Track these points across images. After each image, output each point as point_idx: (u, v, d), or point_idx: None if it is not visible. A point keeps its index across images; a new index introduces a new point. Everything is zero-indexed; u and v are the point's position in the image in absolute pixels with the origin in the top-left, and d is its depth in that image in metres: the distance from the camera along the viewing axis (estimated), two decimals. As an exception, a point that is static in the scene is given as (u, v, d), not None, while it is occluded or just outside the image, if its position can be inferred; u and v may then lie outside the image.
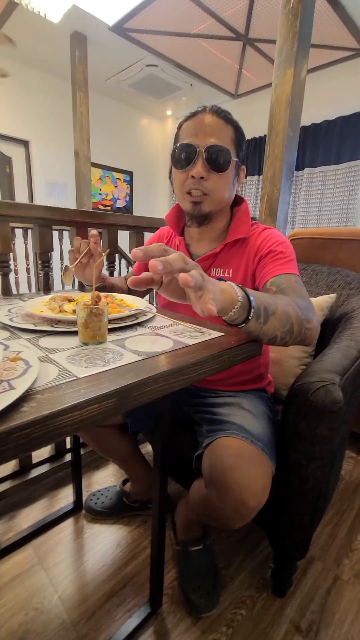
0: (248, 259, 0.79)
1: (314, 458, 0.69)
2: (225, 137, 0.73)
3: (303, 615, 0.81)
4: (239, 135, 0.76)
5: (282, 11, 1.57)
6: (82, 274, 0.83)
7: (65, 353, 0.49)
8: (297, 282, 0.70)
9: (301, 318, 0.58)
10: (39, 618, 0.78)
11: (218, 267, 0.82)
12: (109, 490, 1.11)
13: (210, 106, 0.74)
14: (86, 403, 0.36)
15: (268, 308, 0.54)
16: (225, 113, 0.74)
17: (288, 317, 0.57)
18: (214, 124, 0.72)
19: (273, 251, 0.75)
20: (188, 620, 0.80)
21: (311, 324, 0.61)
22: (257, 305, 0.52)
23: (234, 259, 0.80)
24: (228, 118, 0.74)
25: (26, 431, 0.31)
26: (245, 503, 0.60)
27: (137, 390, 0.41)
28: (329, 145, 3.29)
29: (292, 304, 0.59)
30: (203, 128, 0.72)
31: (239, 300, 0.49)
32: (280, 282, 0.69)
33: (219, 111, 0.74)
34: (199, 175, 0.72)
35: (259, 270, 0.76)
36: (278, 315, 0.55)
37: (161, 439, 0.68)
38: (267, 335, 0.55)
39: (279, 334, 0.56)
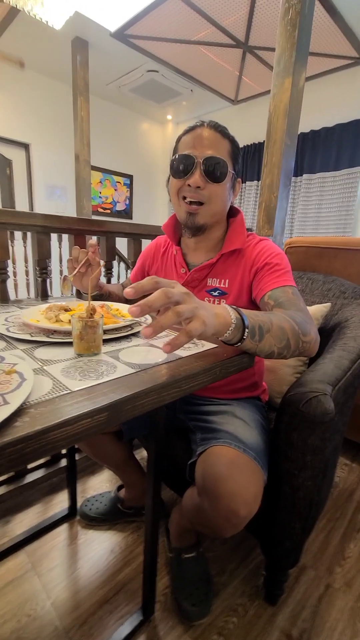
0: (244, 271, 0.80)
1: (305, 468, 0.70)
2: (222, 150, 0.75)
3: (294, 624, 0.82)
4: (235, 149, 0.78)
5: (281, 22, 1.59)
6: (80, 282, 0.83)
7: (60, 365, 0.50)
8: (294, 294, 0.72)
9: (297, 332, 0.60)
10: (32, 625, 0.79)
11: (214, 277, 0.83)
12: (104, 496, 1.11)
13: (208, 121, 0.77)
14: (78, 418, 0.37)
15: (263, 326, 0.56)
16: (222, 128, 0.77)
17: (284, 333, 0.58)
18: (212, 137, 0.75)
19: (269, 263, 0.77)
20: (180, 628, 0.80)
21: (308, 337, 0.62)
22: (252, 325, 0.54)
23: (230, 269, 0.82)
24: (225, 133, 0.77)
25: (19, 446, 0.32)
26: (236, 512, 0.61)
27: (129, 404, 0.42)
28: (328, 152, 3.32)
29: (288, 319, 0.61)
30: (201, 141, 0.75)
31: (233, 322, 0.51)
32: (278, 296, 0.71)
33: (217, 126, 0.76)
34: (196, 184, 0.74)
35: (256, 282, 0.78)
36: (273, 332, 0.57)
37: (155, 446, 0.69)
38: (264, 351, 0.57)
39: (275, 350, 0.58)
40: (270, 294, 0.72)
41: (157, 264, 0.95)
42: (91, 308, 0.56)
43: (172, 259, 0.91)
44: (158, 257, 0.96)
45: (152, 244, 1.00)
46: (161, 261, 0.94)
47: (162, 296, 0.43)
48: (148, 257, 0.98)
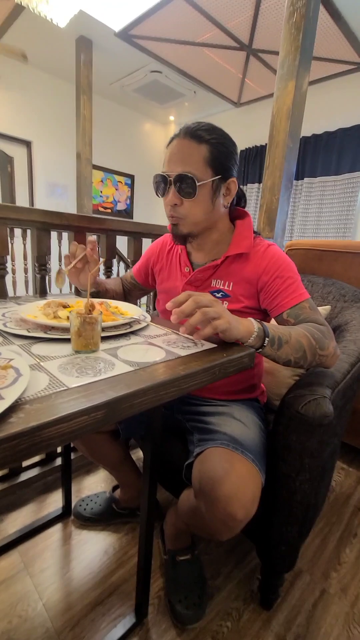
0: (250, 277, 0.79)
1: (302, 471, 0.69)
2: (196, 160, 0.71)
3: (289, 629, 0.81)
4: (216, 151, 0.72)
5: (285, 25, 1.60)
6: (77, 278, 0.82)
7: (57, 361, 0.49)
8: (311, 308, 0.76)
9: (314, 347, 0.68)
10: (23, 626, 0.78)
11: (219, 279, 0.82)
12: (99, 497, 1.10)
13: (185, 128, 0.73)
14: (75, 415, 0.36)
15: (282, 337, 0.65)
16: (199, 132, 0.71)
17: (301, 346, 0.67)
18: (184, 149, 0.72)
19: (281, 277, 0.76)
20: (173, 631, 0.79)
21: (326, 352, 0.70)
22: (272, 335, 0.64)
23: (235, 273, 0.80)
24: (201, 137, 0.71)
25: (13, 443, 0.31)
26: (233, 515, 0.60)
27: (126, 402, 0.41)
28: (329, 156, 3.33)
29: (307, 335, 0.68)
30: (173, 156, 0.73)
31: (255, 331, 0.62)
32: (297, 314, 0.74)
33: (192, 132, 0.71)
34: (172, 203, 0.75)
35: (269, 297, 0.77)
36: (291, 344, 0.66)
37: (152, 446, 0.68)
38: (282, 358, 0.66)
39: (292, 359, 0.67)
40: (289, 312, 0.75)
41: (162, 262, 0.94)
42: (90, 304, 0.55)
43: (177, 257, 0.90)
44: (163, 254, 0.95)
45: (159, 242, 0.99)
46: (166, 259, 0.94)
47: (191, 303, 0.56)
48: (153, 254, 0.97)
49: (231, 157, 0.75)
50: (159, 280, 0.96)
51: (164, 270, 0.94)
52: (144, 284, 1.03)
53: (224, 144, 0.74)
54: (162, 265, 0.95)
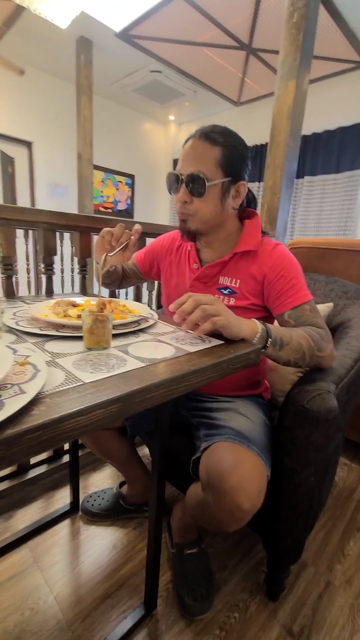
0: (256, 275, 0.80)
1: (308, 464, 0.71)
2: (208, 161, 0.74)
3: (295, 619, 0.83)
4: (229, 154, 0.75)
5: (285, 25, 1.61)
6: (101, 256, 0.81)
7: (71, 358, 0.50)
8: (311, 310, 0.78)
9: (313, 349, 0.71)
10: (35, 618, 0.79)
11: (226, 276, 0.84)
12: (106, 493, 1.12)
13: (201, 130, 0.75)
14: (92, 408, 0.37)
15: (283, 339, 0.69)
16: (213, 135, 0.74)
17: (301, 348, 0.70)
18: (198, 149, 0.74)
19: (285, 277, 0.78)
20: (182, 622, 0.81)
21: (324, 353, 0.73)
22: (275, 336, 0.68)
23: (242, 270, 0.82)
24: (215, 140, 0.74)
25: (36, 434, 0.33)
26: (240, 506, 0.62)
27: (140, 396, 0.43)
28: (329, 155, 3.34)
29: (307, 337, 0.71)
30: (186, 156, 0.76)
31: (259, 332, 0.67)
32: (297, 315, 0.77)
33: (207, 134, 0.74)
34: (182, 200, 0.77)
35: (273, 296, 0.79)
36: (292, 346, 0.69)
37: (160, 442, 0.70)
38: (282, 359, 0.70)
39: (292, 359, 0.70)
40: (290, 313, 0.77)
41: (171, 257, 0.96)
42: (101, 302, 0.57)
43: (187, 254, 0.92)
44: (172, 250, 0.96)
45: (169, 237, 1.00)
46: (175, 255, 0.95)
47: (192, 302, 0.60)
48: (162, 248, 0.98)
49: (242, 161, 0.78)
50: (166, 277, 0.97)
51: (172, 267, 0.95)
52: (145, 273, 1.04)
53: (237, 148, 0.76)
54: (170, 261, 0.96)
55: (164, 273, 0.98)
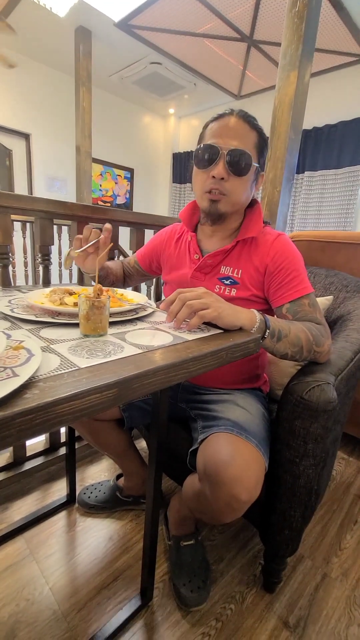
0: (258, 266, 0.79)
1: (306, 456, 0.70)
2: (249, 142, 0.74)
3: (291, 611, 0.83)
4: (261, 141, 0.76)
5: (288, 14, 1.58)
6: (83, 262, 0.81)
7: (67, 344, 0.49)
8: (310, 305, 0.76)
9: (311, 343, 0.70)
10: (30, 609, 0.79)
11: (228, 266, 0.82)
12: (103, 485, 1.11)
13: (238, 110, 0.75)
14: (88, 392, 0.36)
15: (282, 331, 0.68)
16: (251, 118, 0.75)
17: (299, 341, 0.69)
18: (239, 127, 0.73)
19: (286, 268, 0.76)
20: (178, 613, 0.80)
21: (321, 348, 0.72)
22: (273, 328, 0.67)
23: (243, 260, 0.81)
24: (253, 124, 0.75)
25: (28, 417, 0.32)
26: (237, 497, 0.61)
27: (137, 382, 0.42)
28: (330, 150, 3.31)
29: (306, 331, 0.70)
30: (227, 131, 0.73)
31: (257, 322, 0.66)
32: (295, 310, 0.75)
33: (246, 116, 0.74)
34: (220, 176, 0.73)
35: (273, 288, 0.78)
36: (290, 339, 0.69)
37: (157, 434, 0.69)
38: (280, 351, 0.69)
39: (289, 352, 0.70)
40: (288, 307, 0.76)
41: (170, 250, 0.94)
42: (98, 289, 0.55)
43: (187, 245, 0.90)
44: (172, 242, 0.94)
45: (167, 230, 0.98)
46: (175, 247, 0.93)
47: (178, 302, 0.60)
48: (161, 243, 0.97)
49: (267, 151, 0.80)
50: (166, 270, 0.96)
51: (172, 259, 0.93)
52: (147, 270, 1.03)
53: (264, 137, 0.78)
54: (170, 253, 0.94)
55: (164, 265, 0.96)
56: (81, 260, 0.81)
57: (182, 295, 0.61)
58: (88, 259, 0.80)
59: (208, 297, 0.61)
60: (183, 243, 0.92)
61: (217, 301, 0.62)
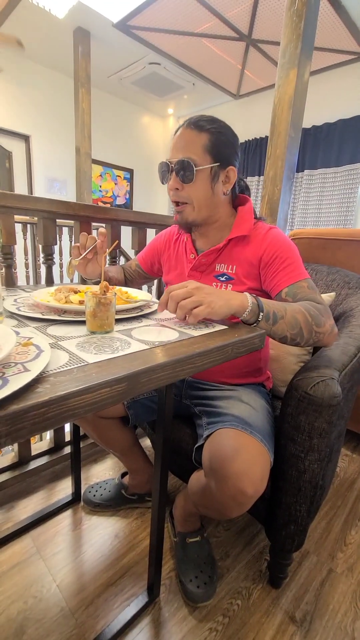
0: (252, 259, 0.80)
1: (311, 451, 0.71)
2: (195, 147, 0.75)
3: (298, 606, 0.83)
4: (216, 139, 0.76)
5: (287, 13, 1.58)
6: (84, 269, 0.85)
7: (74, 341, 0.50)
8: (309, 287, 0.76)
9: (310, 324, 0.68)
10: (38, 606, 0.79)
11: (222, 263, 0.84)
12: (108, 483, 1.12)
13: (189, 119, 0.77)
14: (98, 386, 0.37)
15: (277, 313, 0.67)
16: (201, 122, 0.75)
17: (297, 322, 0.67)
18: (185, 136, 0.76)
19: (280, 257, 0.77)
20: (185, 609, 0.81)
21: (322, 329, 0.70)
22: (267, 310, 0.66)
23: (237, 255, 0.82)
24: (202, 127, 0.75)
25: (42, 410, 0.32)
26: (243, 491, 0.61)
27: (145, 377, 0.42)
28: (329, 148, 3.32)
29: (303, 311, 0.68)
30: (175, 145, 0.78)
31: (249, 306, 0.64)
32: (295, 293, 0.75)
33: (194, 122, 0.76)
34: (173, 187, 0.78)
35: (269, 277, 0.79)
36: (286, 320, 0.67)
37: (163, 431, 0.69)
38: (278, 334, 0.68)
39: (288, 335, 0.68)
40: (287, 290, 0.75)
41: (170, 251, 0.97)
42: (104, 286, 0.56)
43: (183, 245, 0.93)
44: (170, 244, 0.97)
45: (166, 232, 1.01)
46: (173, 248, 0.96)
47: (172, 304, 0.60)
48: (161, 244, 1.00)
49: (230, 146, 0.78)
50: (166, 270, 0.99)
51: (171, 259, 0.96)
52: (149, 272, 1.05)
53: (223, 133, 0.77)
54: (169, 254, 0.97)
55: (165, 266, 0.99)
56: (82, 267, 0.84)
57: (173, 294, 0.61)
58: (88, 265, 0.83)
59: (198, 294, 0.61)
60: (180, 244, 0.95)
61: (208, 295, 0.61)
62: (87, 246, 0.80)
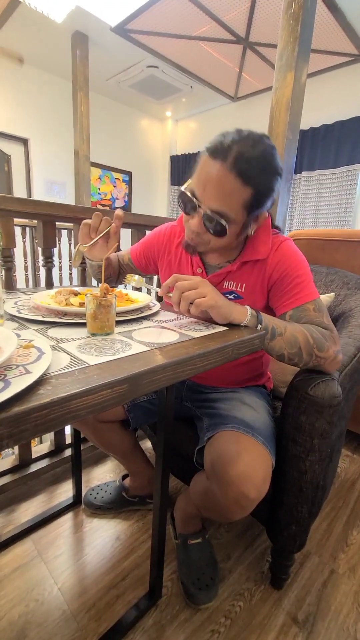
0: (263, 277, 0.76)
1: (313, 451, 0.71)
2: (235, 202, 0.63)
3: (300, 607, 0.83)
4: (260, 196, 0.64)
5: (284, 16, 1.60)
6: (91, 250, 0.78)
7: (75, 343, 0.50)
8: (315, 309, 0.71)
9: (311, 346, 0.66)
10: (40, 609, 0.79)
11: (231, 281, 0.78)
12: (109, 485, 1.12)
13: (235, 156, 0.60)
14: (100, 387, 0.37)
15: (276, 329, 0.66)
16: (249, 171, 0.60)
17: (296, 341, 0.66)
18: (227, 184, 0.61)
19: (289, 275, 0.73)
20: (187, 611, 0.81)
21: (325, 354, 0.67)
22: (266, 324, 0.65)
23: (246, 273, 0.77)
24: (249, 178, 0.61)
25: (44, 412, 0.33)
26: (246, 494, 0.61)
27: (146, 378, 0.42)
28: (327, 149, 3.33)
29: (305, 332, 0.66)
30: (211, 187, 0.62)
31: (248, 316, 0.64)
32: (299, 317, 0.71)
33: (242, 169, 0.60)
34: (196, 230, 0.68)
35: (276, 296, 0.75)
36: (285, 337, 0.66)
37: (164, 432, 0.69)
38: (275, 350, 0.67)
39: (285, 353, 0.67)
40: (292, 313, 0.72)
41: (170, 256, 0.87)
42: (104, 288, 0.56)
43: (188, 255, 0.84)
44: (172, 248, 0.87)
45: (165, 231, 0.90)
46: (174, 254, 0.87)
47: (176, 293, 0.61)
48: (159, 244, 0.90)
49: (271, 194, 0.66)
50: (166, 275, 0.89)
51: (173, 266, 0.87)
52: (142, 270, 0.97)
53: (270, 184, 0.64)
54: (169, 260, 0.88)
55: (163, 271, 0.90)
56: (90, 251, 0.79)
57: (179, 284, 0.61)
58: (96, 246, 0.77)
59: (204, 287, 0.61)
60: (184, 252, 0.85)
61: (213, 291, 0.62)
62: (100, 230, 0.72)
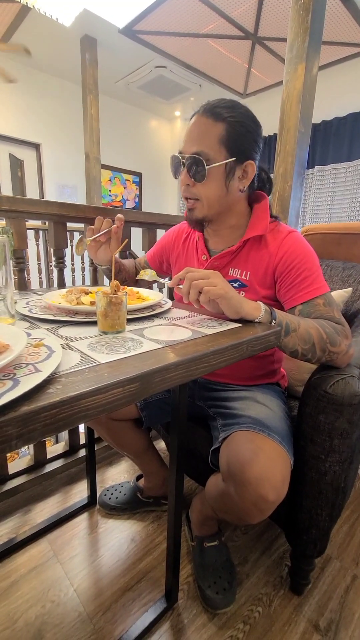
0: (267, 266, 0.75)
1: (332, 452, 0.68)
2: (209, 140, 0.68)
3: (322, 614, 0.80)
4: (233, 130, 0.68)
5: (293, 7, 1.56)
6: (95, 252, 0.81)
7: (86, 341, 0.49)
8: (325, 304, 0.71)
9: (325, 341, 0.65)
10: (56, 610, 0.79)
11: (236, 268, 0.79)
12: (123, 486, 1.11)
13: (206, 104, 0.70)
14: (110, 386, 0.36)
15: (289, 325, 0.64)
16: (218, 110, 0.68)
17: (310, 337, 0.65)
18: (200, 127, 0.69)
19: (297, 267, 0.72)
20: (204, 616, 0.79)
21: (337, 348, 0.66)
22: (280, 320, 0.64)
23: (252, 260, 0.77)
24: (219, 115, 0.68)
25: (53, 411, 0.32)
26: (264, 497, 0.59)
27: (159, 376, 0.41)
28: (340, 143, 3.26)
29: (318, 327, 0.66)
30: (189, 134, 0.71)
31: (262, 312, 0.62)
32: (309, 312, 0.71)
33: (210, 109, 0.68)
34: (184, 183, 0.73)
35: (284, 289, 0.74)
36: (299, 334, 0.64)
37: (177, 432, 0.68)
38: (288, 347, 0.65)
39: (299, 349, 0.65)
40: (301, 308, 0.71)
41: (178, 250, 0.93)
42: (115, 285, 0.55)
43: (194, 244, 0.87)
44: (179, 243, 0.93)
45: (175, 230, 0.97)
46: (182, 247, 0.91)
47: (187, 283, 0.60)
48: (169, 243, 0.96)
49: (250, 138, 0.71)
50: (175, 270, 0.95)
51: (181, 259, 0.92)
52: (158, 270, 1.01)
53: (243, 123, 0.70)
54: (178, 253, 0.93)
55: (174, 266, 0.95)
56: (93, 250, 0.81)
57: (190, 275, 0.61)
58: (100, 249, 0.80)
59: (215, 278, 0.61)
60: (191, 242, 0.90)
61: (224, 282, 0.61)
62: (102, 229, 0.76)
